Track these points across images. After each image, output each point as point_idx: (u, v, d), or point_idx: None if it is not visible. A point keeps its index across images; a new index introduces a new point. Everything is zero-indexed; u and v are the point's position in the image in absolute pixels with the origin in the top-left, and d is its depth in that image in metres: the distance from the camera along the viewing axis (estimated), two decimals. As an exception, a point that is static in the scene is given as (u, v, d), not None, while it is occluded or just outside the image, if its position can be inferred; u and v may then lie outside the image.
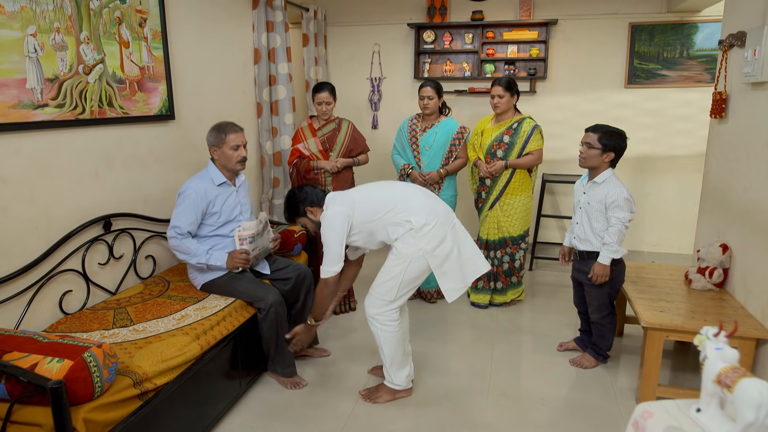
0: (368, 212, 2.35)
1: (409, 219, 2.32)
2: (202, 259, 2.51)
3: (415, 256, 2.32)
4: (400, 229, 2.34)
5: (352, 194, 2.44)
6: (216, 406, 2.32)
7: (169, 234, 2.52)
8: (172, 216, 2.53)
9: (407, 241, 2.33)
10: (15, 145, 2.13)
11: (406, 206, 2.34)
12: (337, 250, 2.30)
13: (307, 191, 2.43)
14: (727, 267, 2.68)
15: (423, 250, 2.31)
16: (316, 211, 2.41)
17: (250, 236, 2.56)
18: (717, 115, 2.83)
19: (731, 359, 1.17)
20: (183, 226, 2.50)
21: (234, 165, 2.62)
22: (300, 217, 2.45)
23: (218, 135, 2.58)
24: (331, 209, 2.35)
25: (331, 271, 2.32)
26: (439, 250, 2.33)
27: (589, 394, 2.62)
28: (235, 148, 2.59)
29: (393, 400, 2.53)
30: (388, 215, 2.34)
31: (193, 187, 2.54)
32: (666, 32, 4.41)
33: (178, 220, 2.50)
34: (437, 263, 2.34)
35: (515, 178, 3.47)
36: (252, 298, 2.54)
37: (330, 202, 2.39)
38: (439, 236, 2.33)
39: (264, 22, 3.94)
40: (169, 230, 2.53)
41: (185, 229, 2.50)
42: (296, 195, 2.43)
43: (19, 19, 2.09)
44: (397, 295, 2.37)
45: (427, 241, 2.31)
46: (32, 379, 1.55)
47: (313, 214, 2.42)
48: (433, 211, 2.35)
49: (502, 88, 3.38)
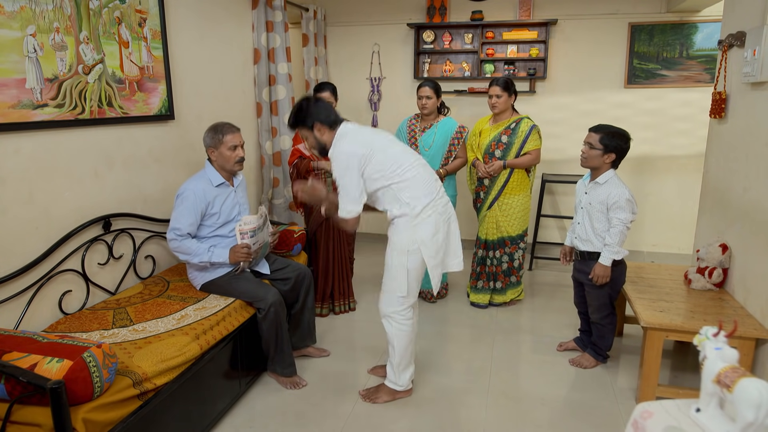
0: (378, 168, 2.26)
1: (410, 201, 2.27)
2: (205, 258, 2.51)
3: (412, 249, 2.29)
4: (399, 208, 2.29)
5: (373, 137, 2.32)
6: (215, 406, 2.32)
7: (169, 236, 2.51)
8: (172, 218, 2.52)
9: (402, 232, 2.30)
10: (14, 145, 2.13)
11: (414, 183, 2.28)
12: (352, 192, 2.23)
13: (321, 107, 2.31)
14: (726, 267, 2.68)
15: (417, 242, 2.28)
16: (325, 132, 2.30)
17: (251, 230, 2.54)
18: (716, 115, 2.83)
19: (731, 359, 1.17)
20: (183, 227, 2.49)
21: (232, 166, 2.61)
22: (304, 129, 2.33)
23: (215, 136, 2.57)
24: (347, 145, 2.24)
25: (348, 211, 2.25)
26: (433, 241, 2.30)
27: (589, 394, 2.62)
28: (233, 148, 2.57)
29: (392, 400, 2.53)
30: (395, 184, 2.27)
31: (192, 189, 2.53)
32: (665, 32, 4.41)
33: (178, 222, 2.49)
34: (431, 253, 2.30)
35: (513, 178, 3.47)
36: (252, 298, 2.54)
37: (346, 135, 2.28)
38: (434, 226, 2.30)
39: (264, 22, 3.94)
40: (169, 232, 2.52)
41: (185, 231, 2.50)
42: (309, 106, 2.31)
43: (18, 19, 2.09)
44: (409, 288, 2.35)
45: (423, 230, 2.28)
46: (32, 379, 1.55)
47: (320, 133, 2.31)
48: (434, 200, 2.32)
49: (499, 88, 3.39)
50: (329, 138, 2.32)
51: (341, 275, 3.51)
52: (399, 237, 2.32)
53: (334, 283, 3.51)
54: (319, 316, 3.49)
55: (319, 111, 2.30)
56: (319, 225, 3.40)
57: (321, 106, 2.32)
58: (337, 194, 2.30)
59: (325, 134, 2.32)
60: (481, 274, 3.65)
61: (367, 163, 2.24)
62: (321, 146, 2.36)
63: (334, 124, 2.33)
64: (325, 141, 2.33)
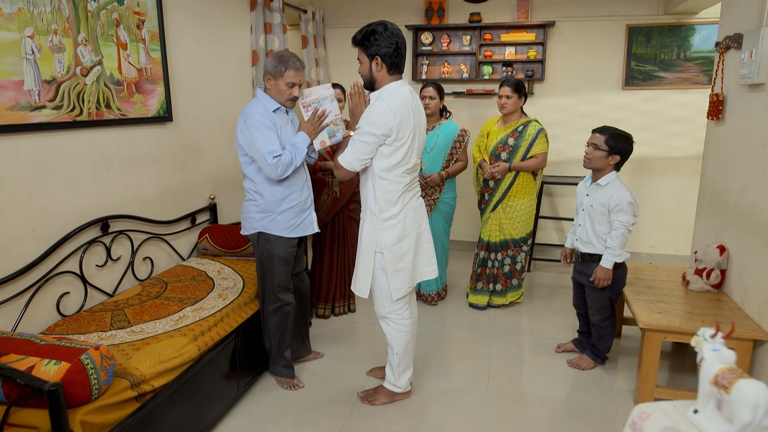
0: (387, 154, 2.18)
1: (381, 204, 2.23)
2: (302, 149, 2.37)
3: (377, 251, 2.28)
4: (372, 202, 2.26)
5: (408, 123, 2.17)
6: (214, 408, 2.32)
7: (271, 162, 2.29)
8: (258, 148, 2.30)
9: (368, 230, 2.29)
10: (12, 147, 2.13)
11: (396, 187, 2.22)
12: (361, 151, 2.15)
13: (395, 43, 2.14)
14: (724, 268, 2.69)
15: (380, 244, 2.26)
16: (383, 70, 2.17)
17: (313, 101, 2.41)
18: (714, 117, 2.84)
19: (728, 360, 1.17)
20: (275, 145, 2.31)
21: (284, 101, 2.43)
22: (365, 52, 2.17)
23: (278, 65, 2.36)
24: (389, 105, 2.12)
25: (348, 162, 2.18)
26: (397, 248, 2.27)
27: (587, 395, 2.62)
28: (290, 85, 2.39)
29: (391, 402, 2.53)
30: (381, 179, 2.21)
31: (255, 112, 2.35)
32: (663, 34, 4.42)
33: (268, 145, 2.29)
34: (391, 258, 2.27)
35: (519, 180, 3.47)
36: (282, 284, 2.49)
37: (399, 98, 2.15)
38: (399, 234, 2.26)
39: (262, 23, 3.94)
40: (268, 161, 2.29)
41: (279, 148, 2.32)
42: (383, 36, 2.13)
43: (16, 21, 2.09)
44: (392, 285, 2.30)
45: (387, 234, 2.25)
46: (29, 381, 1.55)
47: (378, 67, 2.17)
48: (405, 206, 2.27)
49: (510, 89, 3.39)
50: (382, 79, 2.20)
51: (343, 276, 3.51)
52: (364, 234, 2.31)
53: (336, 285, 3.51)
54: (321, 317, 3.49)
55: (390, 47, 2.14)
56: (325, 225, 3.40)
57: (394, 43, 2.14)
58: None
59: (381, 72, 2.18)
60: (482, 275, 3.65)
61: (387, 140, 2.16)
62: (370, 80, 2.22)
63: (395, 70, 2.20)
64: (377, 79, 2.20)
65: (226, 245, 3.21)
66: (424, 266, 2.43)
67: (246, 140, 2.36)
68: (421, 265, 2.42)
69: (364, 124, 2.15)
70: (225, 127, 3.59)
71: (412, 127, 2.20)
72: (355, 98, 2.28)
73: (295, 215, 2.49)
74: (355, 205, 3.38)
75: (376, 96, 2.23)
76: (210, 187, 3.48)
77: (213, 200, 3.48)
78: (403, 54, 2.21)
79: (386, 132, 2.13)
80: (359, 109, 2.26)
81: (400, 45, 2.17)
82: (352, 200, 3.38)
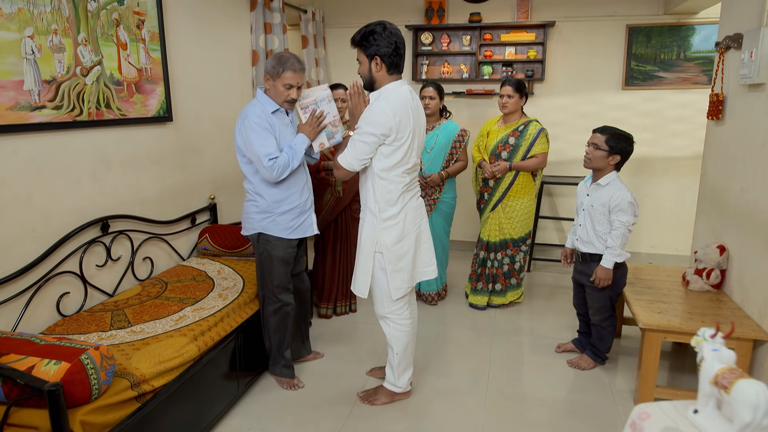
0: (386, 154, 2.18)
1: (381, 204, 2.23)
2: (299, 150, 2.37)
3: (376, 251, 2.28)
4: (372, 204, 2.26)
5: (408, 123, 2.17)
6: (214, 408, 2.32)
7: (267, 164, 2.30)
8: (254, 150, 2.31)
9: (368, 230, 2.29)
10: (12, 147, 2.13)
11: (395, 187, 2.22)
12: (361, 150, 2.14)
13: (393, 43, 2.14)
14: (724, 268, 2.69)
15: (380, 244, 2.27)
16: (382, 70, 2.17)
17: (311, 102, 2.41)
18: (714, 117, 2.84)
19: (728, 360, 1.17)
20: (272, 148, 2.31)
21: (281, 102, 2.42)
22: (364, 53, 2.18)
23: (277, 66, 2.35)
24: (388, 105, 2.12)
25: (348, 162, 2.18)
26: (396, 248, 2.27)
27: (587, 395, 2.62)
28: (288, 87, 2.37)
29: (391, 402, 2.53)
30: (380, 178, 2.21)
31: (253, 114, 2.35)
32: (663, 34, 4.42)
33: (264, 148, 2.30)
34: (391, 259, 2.27)
35: (518, 180, 3.47)
36: (281, 285, 2.49)
37: (398, 98, 2.15)
38: (399, 234, 2.26)
39: (262, 23, 3.94)
40: (264, 163, 2.30)
41: (275, 150, 2.32)
42: (382, 36, 2.13)
43: (16, 21, 2.09)
44: (391, 285, 2.30)
45: (387, 234, 2.25)
46: (29, 381, 1.55)
47: (377, 67, 2.17)
48: (405, 206, 2.27)
49: (512, 88, 3.39)
50: (382, 79, 2.20)
51: (345, 276, 3.51)
52: (364, 234, 2.31)
53: (338, 284, 3.51)
54: (323, 317, 3.49)
55: (389, 47, 2.14)
56: (328, 225, 3.40)
57: (393, 43, 2.14)
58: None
59: (381, 73, 2.18)
60: (481, 275, 3.65)
61: (387, 140, 2.15)
62: (370, 80, 2.22)
63: (395, 70, 2.20)
64: (377, 79, 2.20)
65: (226, 245, 3.21)
66: (423, 266, 2.43)
67: (243, 141, 2.37)
68: (421, 265, 2.42)
69: (364, 124, 2.15)
70: (225, 127, 3.59)
71: (412, 127, 2.20)
72: (355, 98, 2.28)
73: (295, 217, 2.49)
74: (358, 205, 3.37)
75: (375, 96, 2.23)
76: (210, 187, 3.48)
77: (213, 200, 3.48)
78: (403, 54, 2.21)
79: (386, 132, 2.13)
80: (359, 109, 2.26)
81: (399, 45, 2.17)
82: (355, 200, 3.38)
